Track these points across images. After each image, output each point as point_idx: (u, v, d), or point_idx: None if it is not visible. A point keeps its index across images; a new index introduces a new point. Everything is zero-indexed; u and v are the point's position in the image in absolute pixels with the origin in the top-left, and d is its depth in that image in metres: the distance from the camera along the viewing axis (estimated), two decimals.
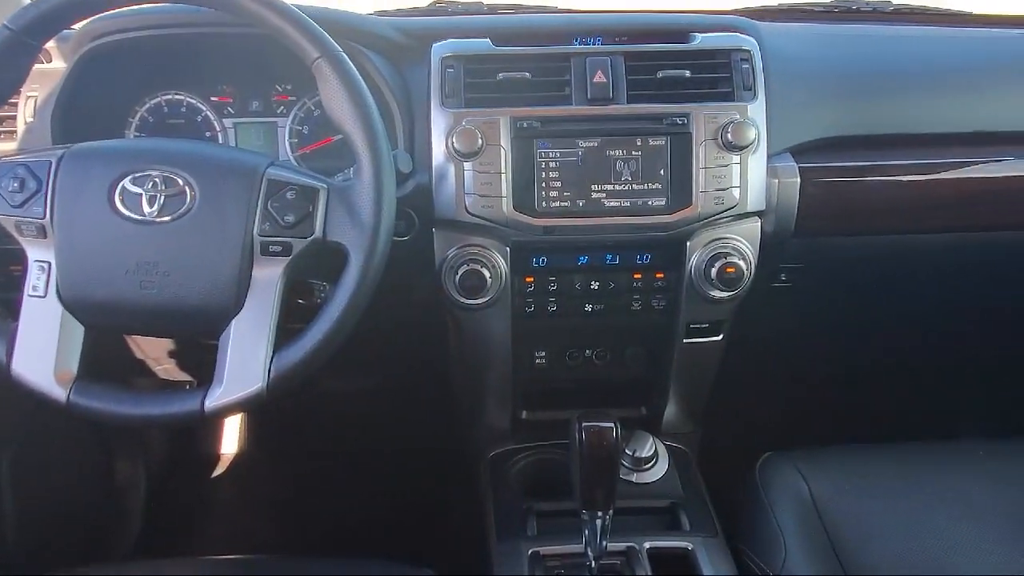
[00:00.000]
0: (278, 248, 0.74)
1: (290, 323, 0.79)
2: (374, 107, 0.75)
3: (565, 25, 1.00)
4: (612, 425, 0.82)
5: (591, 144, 0.90)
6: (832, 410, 1.37)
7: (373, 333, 1.06)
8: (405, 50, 0.96)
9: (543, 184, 0.90)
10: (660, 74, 0.92)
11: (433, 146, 0.91)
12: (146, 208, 0.74)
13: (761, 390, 1.39)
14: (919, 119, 1.01)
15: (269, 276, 0.74)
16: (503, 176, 0.89)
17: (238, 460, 1.70)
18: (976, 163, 1.01)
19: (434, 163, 0.91)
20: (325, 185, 0.76)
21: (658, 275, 0.97)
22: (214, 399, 0.74)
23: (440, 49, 0.93)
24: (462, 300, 0.93)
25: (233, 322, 0.74)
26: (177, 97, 1.04)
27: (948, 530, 0.93)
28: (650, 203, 0.91)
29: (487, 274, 0.92)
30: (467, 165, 0.89)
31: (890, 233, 1.03)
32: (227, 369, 0.74)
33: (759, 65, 0.93)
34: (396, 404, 1.57)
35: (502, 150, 0.89)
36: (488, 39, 0.94)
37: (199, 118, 1.04)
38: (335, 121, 0.76)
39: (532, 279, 0.97)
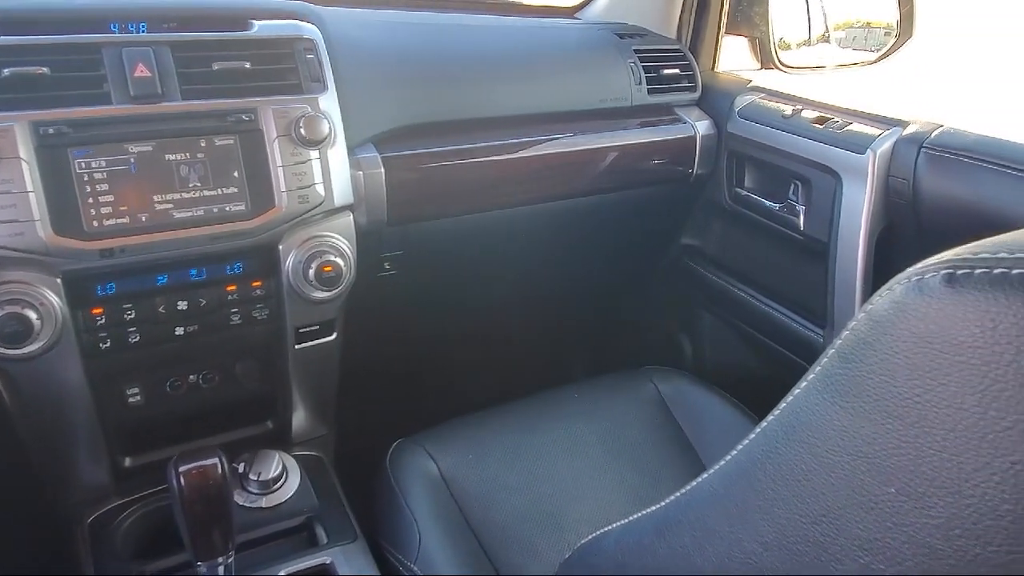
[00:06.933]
0: None
1: None
2: None
3: (97, 9, 0.84)
4: (215, 460, 0.74)
5: (145, 149, 0.78)
6: (459, 385, 1.45)
7: None
8: None
9: (89, 200, 0.76)
10: (216, 66, 0.83)
11: None
12: None
13: (390, 378, 1.41)
14: (488, 103, 1.08)
15: None
16: (31, 195, 0.73)
17: None
18: (542, 141, 1.12)
19: None
20: None
21: (255, 284, 0.90)
22: None
23: None
24: (3, 352, 0.75)
25: None
26: None
27: (561, 472, 1.04)
28: (228, 209, 0.83)
29: (33, 315, 0.75)
30: None
31: (477, 212, 1.09)
32: None
33: (325, 55, 0.90)
34: None
35: (23, 163, 0.72)
36: None
37: None
38: None
39: (101, 310, 0.82)
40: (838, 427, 0.31)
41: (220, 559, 0.76)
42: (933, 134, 0.96)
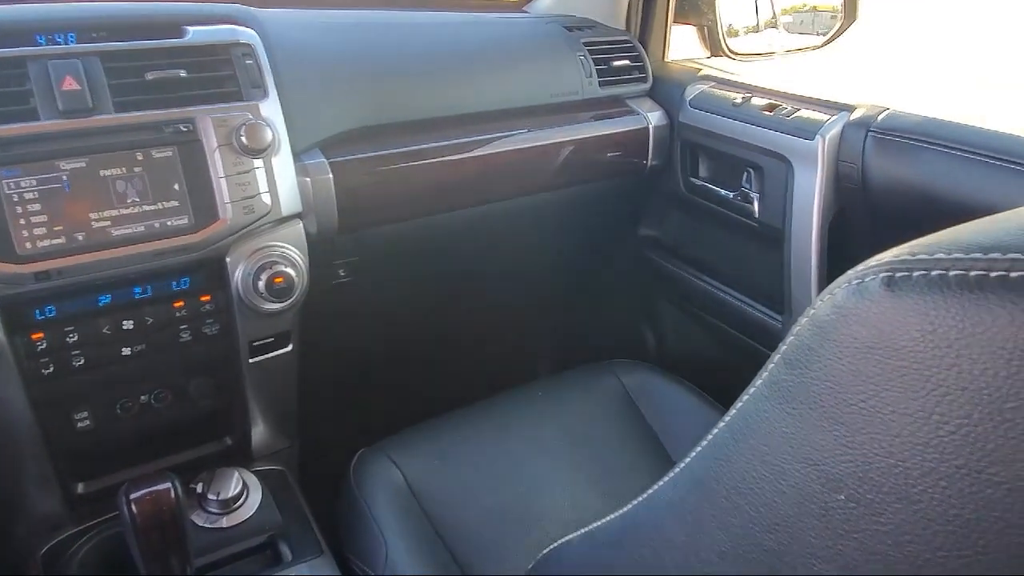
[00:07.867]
0: None
1: None
2: None
3: (21, 20, 0.80)
4: (168, 484, 0.72)
5: (77, 165, 0.75)
6: (423, 388, 1.43)
7: None
8: None
9: (21, 222, 0.73)
10: (149, 75, 0.80)
11: None
12: None
13: (352, 386, 1.39)
14: (438, 102, 1.06)
15: None
16: None
17: None
18: (495, 139, 1.10)
19: None
20: None
21: (203, 298, 0.87)
22: None
23: None
24: None
25: None
26: None
27: (529, 471, 1.03)
28: (170, 224, 0.80)
29: None
30: None
31: (431, 214, 1.08)
32: None
33: (264, 60, 0.87)
34: None
35: None
36: None
37: None
38: None
39: (41, 335, 0.79)
40: (786, 434, 0.31)
41: None
42: (879, 117, 0.97)
